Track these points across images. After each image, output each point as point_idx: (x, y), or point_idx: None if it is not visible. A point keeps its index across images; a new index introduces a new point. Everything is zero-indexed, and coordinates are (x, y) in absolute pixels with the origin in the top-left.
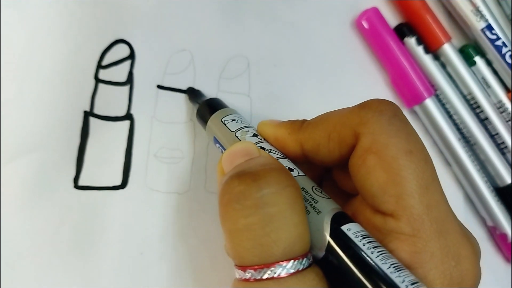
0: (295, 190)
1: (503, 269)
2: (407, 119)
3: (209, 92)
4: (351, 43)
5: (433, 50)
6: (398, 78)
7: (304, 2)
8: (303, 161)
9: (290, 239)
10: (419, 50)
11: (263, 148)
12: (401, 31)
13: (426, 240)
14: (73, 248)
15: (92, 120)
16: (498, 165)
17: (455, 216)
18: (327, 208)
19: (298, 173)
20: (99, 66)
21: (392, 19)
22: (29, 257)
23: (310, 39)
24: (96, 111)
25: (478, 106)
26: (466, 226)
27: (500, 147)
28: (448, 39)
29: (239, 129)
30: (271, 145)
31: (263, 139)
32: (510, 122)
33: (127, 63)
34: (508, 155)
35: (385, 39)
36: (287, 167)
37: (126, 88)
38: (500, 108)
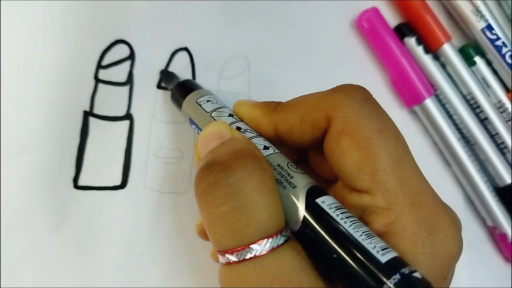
0: (263, 172)
1: (503, 269)
2: (377, 102)
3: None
4: (351, 43)
5: (433, 50)
6: (398, 78)
7: (304, 2)
8: (277, 142)
9: (261, 220)
10: (419, 50)
11: (239, 128)
12: (401, 31)
13: (399, 212)
14: (73, 248)
15: (92, 120)
16: (498, 165)
17: (431, 189)
18: (302, 182)
19: (274, 151)
20: (99, 66)
21: (392, 19)
22: (29, 257)
23: (310, 39)
24: (96, 111)
25: (478, 106)
26: (466, 226)
27: (500, 147)
28: (448, 39)
29: (214, 110)
30: (246, 124)
31: (238, 119)
32: (510, 122)
33: (127, 63)
34: (508, 155)
35: (385, 39)
36: (262, 145)
37: (126, 88)
38: (500, 108)
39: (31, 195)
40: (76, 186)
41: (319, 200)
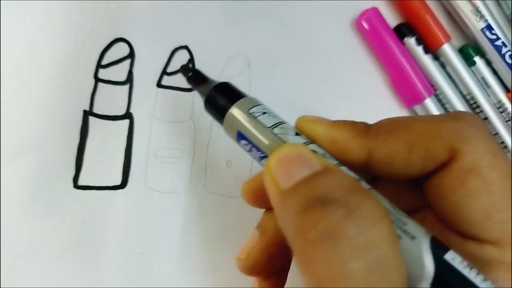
0: (389, 221)
1: None
2: None
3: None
4: (351, 43)
5: (433, 50)
6: (398, 78)
7: (304, 2)
8: (361, 171)
9: (395, 285)
10: (419, 50)
11: (314, 152)
12: (401, 31)
13: None
14: (73, 248)
15: (92, 119)
16: None
17: None
18: (419, 232)
19: (370, 187)
20: (99, 65)
21: (392, 19)
22: (29, 257)
23: (310, 39)
24: (96, 110)
25: (478, 106)
26: None
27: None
28: (448, 39)
29: (275, 125)
30: (320, 147)
31: (308, 140)
32: (509, 122)
33: (127, 62)
34: (508, 155)
35: (385, 39)
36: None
37: (125, 87)
38: (499, 108)
39: (31, 195)
40: (76, 185)
41: (448, 257)
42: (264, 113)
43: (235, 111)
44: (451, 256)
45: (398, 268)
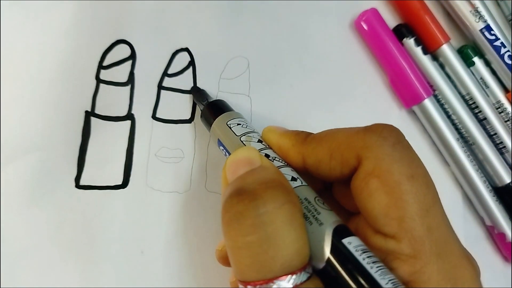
0: (293, 206)
1: (502, 269)
2: (410, 144)
3: (209, 92)
4: (350, 44)
5: (431, 51)
6: (397, 79)
7: (304, 3)
8: (304, 173)
9: (288, 256)
10: (418, 50)
11: (267, 155)
12: (400, 32)
13: (425, 261)
14: (74, 248)
15: (93, 120)
16: (496, 165)
17: (457, 238)
18: (329, 220)
19: (301, 183)
20: (100, 67)
21: (391, 20)
22: (29, 257)
23: (310, 39)
24: (97, 111)
25: (477, 106)
26: (465, 226)
27: (499, 147)
28: (447, 39)
29: (244, 134)
30: (274, 152)
31: (267, 146)
32: (509, 122)
33: (128, 63)
34: (507, 155)
35: (384, 40)
36: (290, 176)
37: (127, 88)
38: (498, 108)
39: (32, 195)
40: (78, 185)
41: (345, 241)
42: (238, 124)
43: (215, 124)
44: (348, 241)
45: (291, 242)
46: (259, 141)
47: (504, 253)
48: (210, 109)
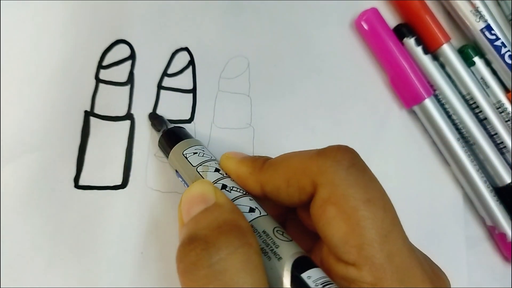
0: (248, 248)
1: (502, 269)
2: (365, 166)
3: (209, 92)
4: (351, 44)
5: (432, 51)
6: (397, 79)
7: (304, 2)
8: (264, 199)
9: None
10: (418, 50)
11: (224, 186)
12: (400, 32)
13: None
14: (73, 248)
15: (93, 120)
16: (497, 165)
17: (420, 262)
18: (288, 253)
19: (260, 213)
20: (100, 66)
21: (392, 19)
22: (29, 257)
23: (310, 39)
24: (97, 111)
25: (477, 106)
26: (465, 226)
27: (499, 147)
28: (447, 39)
29: (200, 164)
30: (233, 181)
31: (225, 175)
32: (509, 122)
33: (128, 63)
34: (507, 155)
35: (384, 40)
36: (248, 207)
37: (126, 88)
38: (499, 108)
39: (31, 195)
40: (77, 185)
41: (305, 275)
42: (195, 153)
43: (172, 154)
44: (307, 275)
45: (249, 286)
46: (217, 170)
47: (504, 253)
48: (167, 138)
